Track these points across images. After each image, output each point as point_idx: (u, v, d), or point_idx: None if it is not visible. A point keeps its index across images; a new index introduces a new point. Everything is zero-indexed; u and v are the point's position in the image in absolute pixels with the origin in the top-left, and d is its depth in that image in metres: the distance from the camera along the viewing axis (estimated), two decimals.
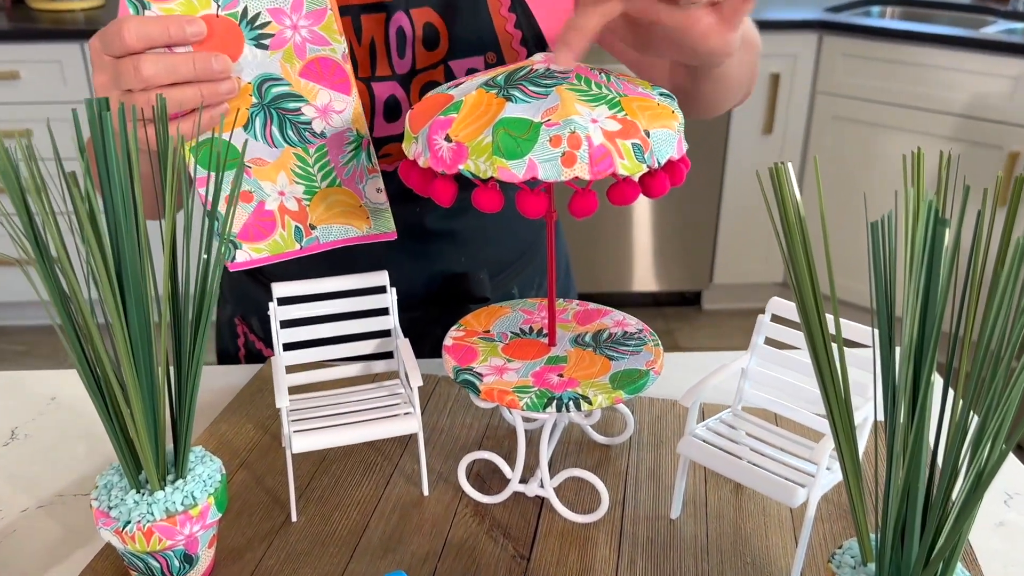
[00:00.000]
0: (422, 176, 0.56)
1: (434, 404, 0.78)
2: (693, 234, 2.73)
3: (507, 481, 0.65)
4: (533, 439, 0.70)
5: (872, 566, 0.49)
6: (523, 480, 0.65)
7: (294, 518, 0.64)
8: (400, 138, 0.77)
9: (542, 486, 0.64)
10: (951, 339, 0.42)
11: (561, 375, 0.61)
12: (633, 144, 0.51)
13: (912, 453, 0.43)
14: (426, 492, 0.66)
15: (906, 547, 0.46)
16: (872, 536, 0.50)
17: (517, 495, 0.66)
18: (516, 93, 0.53)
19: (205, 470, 0.57)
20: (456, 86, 0.57)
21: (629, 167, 0.52)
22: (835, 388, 0.46)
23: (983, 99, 2.28)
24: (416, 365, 0.65)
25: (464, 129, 0.52)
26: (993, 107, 2.27)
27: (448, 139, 0.52)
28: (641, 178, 0.56)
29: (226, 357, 0.96)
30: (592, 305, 0.71)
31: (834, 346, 0.46)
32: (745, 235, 2.72)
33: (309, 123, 0.63)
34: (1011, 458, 0.73)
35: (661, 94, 0.57)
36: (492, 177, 0.51)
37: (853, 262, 2.60)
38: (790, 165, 0.44)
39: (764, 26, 2.42)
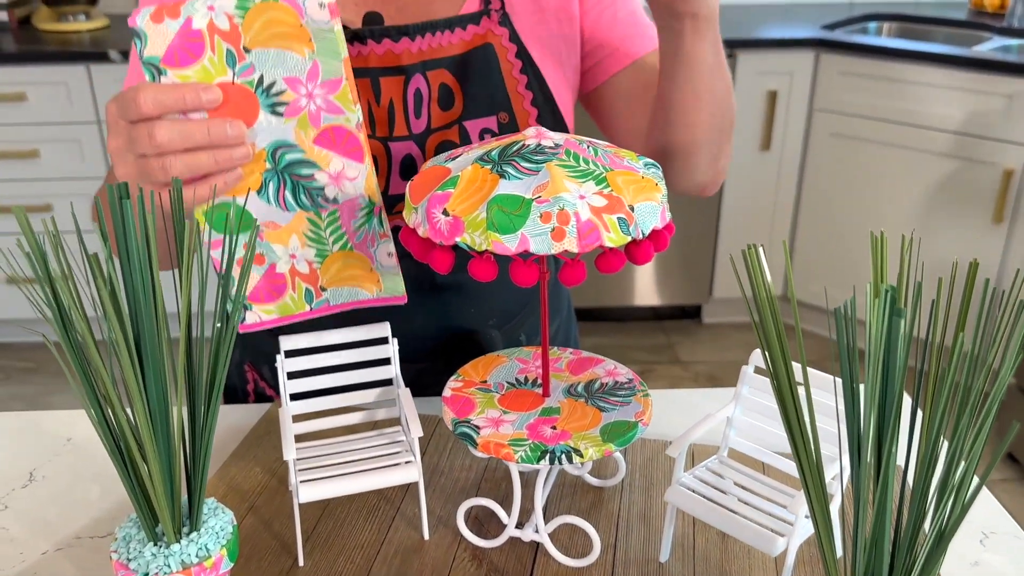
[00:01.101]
0: (421, 244, 0.59)
1: (434, 446, 0.81)
2: (693, 248, 2.76)
3: (504, 525, 0.68)
4: (529, 481, 0.73)
5: None
6: (519, 525, 0.69)
7: (301, 563, 0.67)
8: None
9: (537, 531, 0.67)
10: (917, 377, 0.46)
11: (554, 427, 0.64)
12: (619, 218, 0.55)
13: (877, 515, 0.46)
14: (426, 536, 0.70)
15: None
16: None
17: (513, 540, 0.69)
18: (509, 169, 0.56)
19: (218, 522, 0.60)
20: (453, 158, 0.61)
21: (615, 240, 0.55)
22: (807, 454, 0.49)
23: (978, 116, 2.31)
24: (416, 416, 0.68)
25: (460, 204, 0.55)
26: (988, 124, 2.30)
27: (446, 213, 0.56)
28: (627, 247, 0.59)
29: (233, 394, 0.99)
30: (585, 353, 0.75)
31: (806, 414, 0.49)
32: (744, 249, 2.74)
33: (322, 189, 0.66)
34: (988, 497, 0.76)
35: (646, 165, 0.60)
36: (487, 249, 0.55)
37: (849, 275, 2.63)
38: (761, 249, 0.47)
39: (761, 44, 2.46)
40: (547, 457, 0.62)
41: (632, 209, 0.55)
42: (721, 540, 0.69)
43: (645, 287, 2.82)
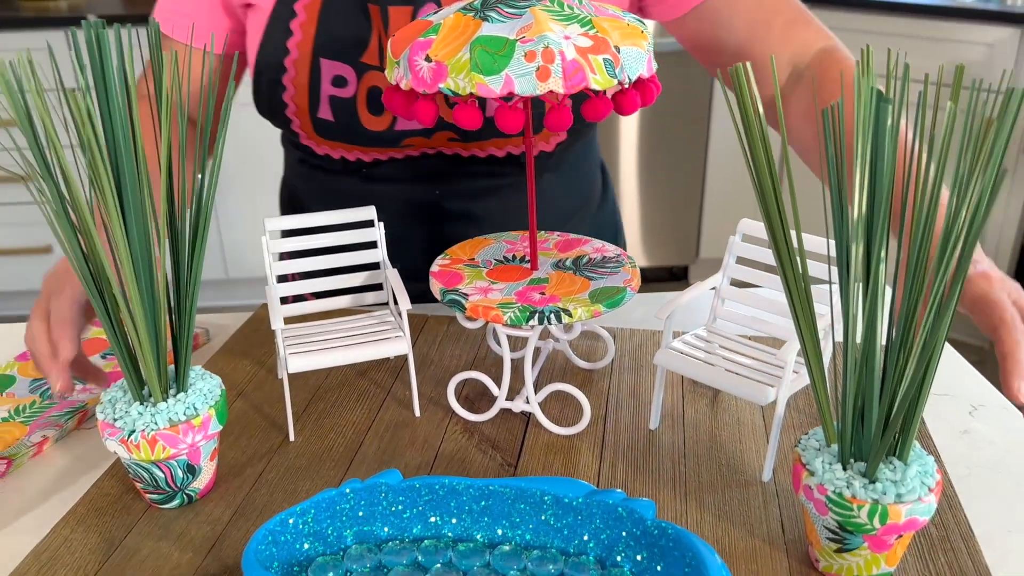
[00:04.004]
0: (404, 99, 0.59)
1: (424, 338, 0.81)
2: (679, 209, 2.77)
3: (495, 401, 0.68)
4: (518, 366, 0.73)
5: (835, 446, 0.52)
6: (509, 398, 0.68)
7: (292, 438, 0.67)
8: (422, 132, 0.79)
9: (528, 402, 0.67)
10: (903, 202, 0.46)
11: (543, 293, 0.64)
12: (604, 59, 0.54)
13: (867, 319, 0.46)
14: (417, 413, 0.69)
15: (865, 418, 0.49)
16: (835, 424, 0.53)
17: (504, 414, 0.69)
18: (492, 14, 0.56)
19: (205, 385, 0.59)
20: (434, 12, 0.60)
21: (601, 82, 0.55)
22: (794, 272, 0.49)
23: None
24: (404, 291, 0.68)
25: (443, 49, 0.55)
26: (968, 75, 2.31)
27: (428, 59, 0.55)
28: (613, 96, 0.59)
29: None
30: (573, 235, 0.75)
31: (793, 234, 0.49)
32: (731, 209, 2.75)
33: None
34: (974, 373, 0.77)
35: (632, 17, 0.60)
36: (471, 93, 0.54)
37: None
38: (749, 65, 0.47)
39: None
40: (536, 317, 0.61)
41: (618, 51, 0.55)
42: (710, 410, 0.69)
43: (631, 248, 2.83)
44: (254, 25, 0.79)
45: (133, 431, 0.56)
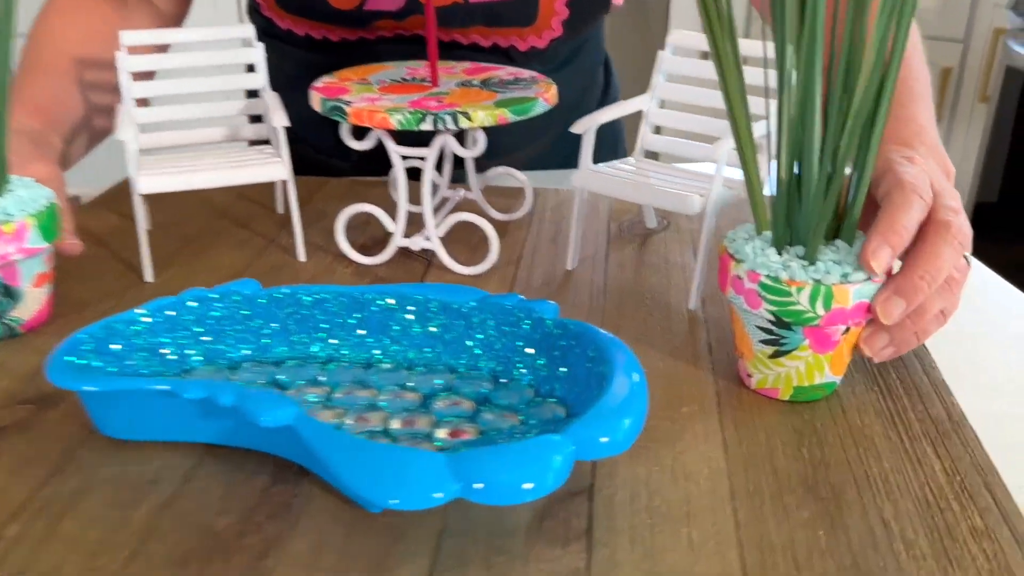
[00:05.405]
0: None
1: (319, 197, 0.71)
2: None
3: (390, 239, 0.59)
4: (417, 218, 0.64)
5: (767, 234, 0.44)
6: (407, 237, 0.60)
7: (149, 278, 0.57)
8: (394, 14, 0.72)
9: (428, 239, 0.58)
10: None
11: (440, 101, 0.55)
12: None
13: (805, 60, 0.38)
14: (302, 258, 0.60)
15: (803, 187, 0.41)
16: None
17: (401, 255, 0.60)
18: None
19: (28, 193, 0.50)
20: None
21: None
22: (724, 43, 0.41)
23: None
24: (281, 108, 0.59)
25: None
26: (923, 23, 2.27)
27: None
28: None
29: None
30: (484, 64, 0.66)
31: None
32: None
33: None
34: None
35: None
36: None
37: None
38: None
39: None
40: (429, 120, 0.53)
41: None
42: (637, 253, 0.61)
43: None
44: None
45: None
